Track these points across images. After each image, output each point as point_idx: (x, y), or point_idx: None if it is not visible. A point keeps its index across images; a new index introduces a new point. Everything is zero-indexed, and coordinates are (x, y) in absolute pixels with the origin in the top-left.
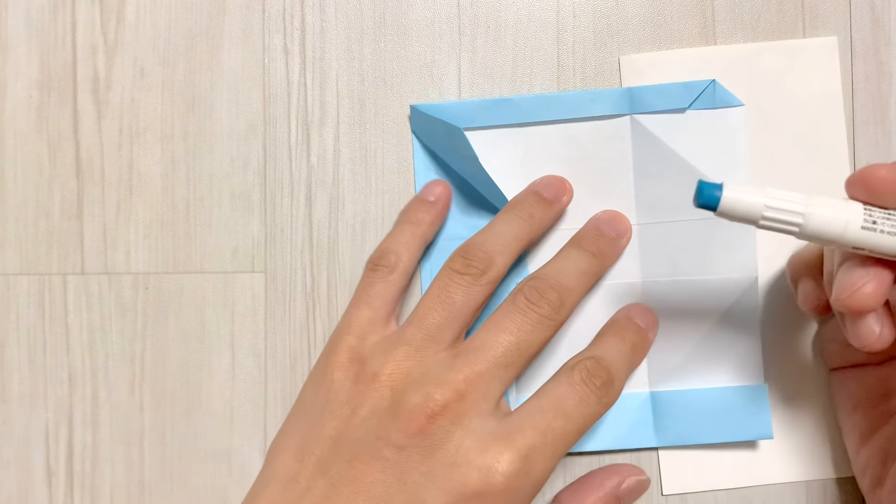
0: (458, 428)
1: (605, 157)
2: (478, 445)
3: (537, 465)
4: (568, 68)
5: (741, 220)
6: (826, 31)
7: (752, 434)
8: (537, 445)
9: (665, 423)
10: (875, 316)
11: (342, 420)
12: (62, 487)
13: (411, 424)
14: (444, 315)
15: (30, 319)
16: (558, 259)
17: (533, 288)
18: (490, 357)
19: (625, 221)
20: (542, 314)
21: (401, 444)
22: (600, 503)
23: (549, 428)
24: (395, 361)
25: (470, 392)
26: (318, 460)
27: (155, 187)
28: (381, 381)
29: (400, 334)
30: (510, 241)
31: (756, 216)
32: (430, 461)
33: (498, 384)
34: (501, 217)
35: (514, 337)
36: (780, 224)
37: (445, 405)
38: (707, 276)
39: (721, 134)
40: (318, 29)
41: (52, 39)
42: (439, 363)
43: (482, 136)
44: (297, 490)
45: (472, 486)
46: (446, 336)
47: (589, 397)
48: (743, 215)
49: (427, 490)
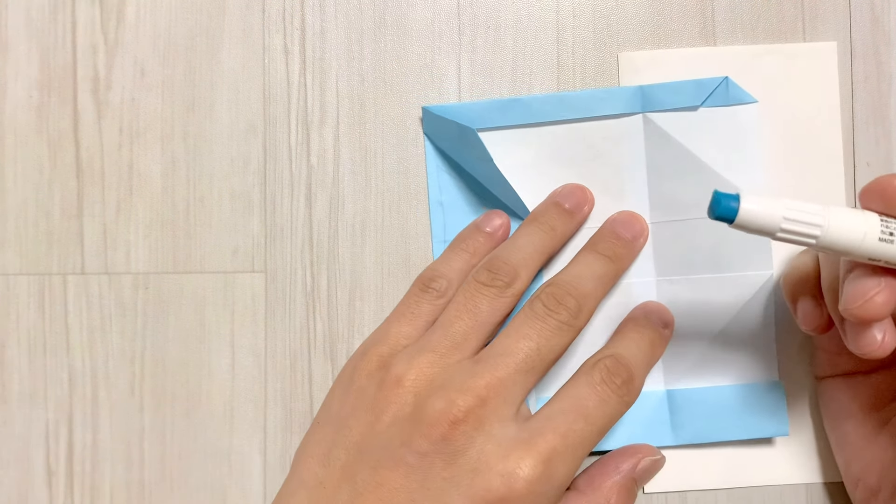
0: (480, 434)
1: (617, 155)
2: (500, 451)
3: (560, 469)
4: (568, 68)
5: (757, 232)
6: (826, 31)
7: (768, 431)
8: (559, 449)
9: (682, 421)
10: (879, 324)
11: (367, 426)
12: (62, 487)
13: (434, 431)
14: (470, 324)
15: (30, 319)
16: (575, 264)
17: (551, 295)
18: (511, 363)
19: (641, 222)
20: (561, 320)
21: (424, 451)
22: (617, 487)
23: (569, 430)
24: (419, 368)
25: (491, 398)
26: (344, 466)
27: (155, 187)
28: (404, 388)
29: (426, 341)
30: (532, 254)
31: (774, 229)
32: (453, 467)
33: (519, 389)
34: (524, 230)
35: (535, 343)
36: (797, 236)
37: (468, 411)
38: (722, 274)
39: (734, 131)
40: (318, 29)
41: (52, 39)
42: (462, 370)
43: (494, 137)
44: (324, 496)
45: (496, 493)
46: (471, 344)
47: (610, 397)
48: (760, 228)
49: (450, 496)
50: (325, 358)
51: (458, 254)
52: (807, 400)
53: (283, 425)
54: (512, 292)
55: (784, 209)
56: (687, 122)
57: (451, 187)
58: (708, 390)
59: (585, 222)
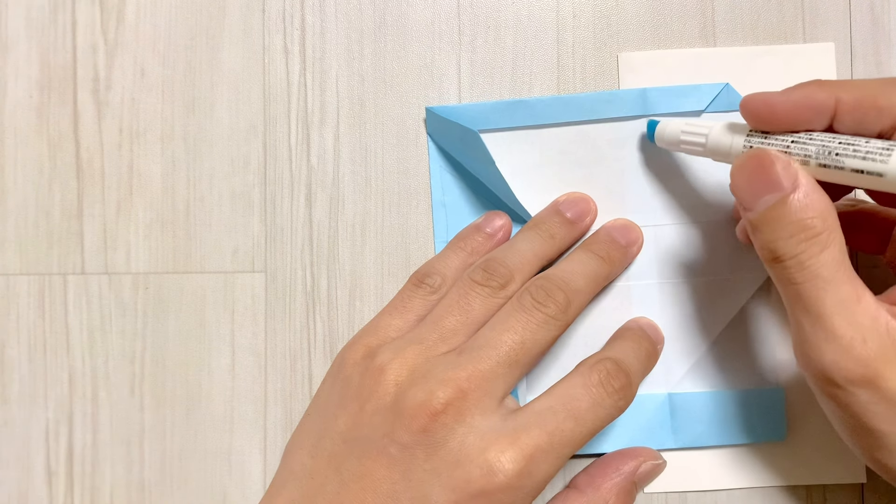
0: (461, 426)
1: (620, 158)
2: (480, 443)
3: (541, 467)
4: (568, 68)
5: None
6: (825, 31)
7: (766, 436)
8: (543, 446)
9: (682, 424)
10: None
11: (351, 416)
12: (62, 487)
13: (415, 423)
14: (460, 320)
15: (30, 319)
16: (568, 261)
17: (540, 288)
18: (493, 355)
19: (637, 231)
20: (549, 314)
21: (405, 442)
22: (617, 488)
23: (557, 429)
24: (403, 358)
25: (473, 390)
26: (330, 456)
27: (155, 187)
28: (386, 376)
29: (414, 334)
30: (530, 259)
31: (677, 140)
32: (434, 459)
33: (501, 383)
34: (524, 234)
35: (519, 336)
36: (692, 146)
37: (448, 403)
38: (720, 277)
39: None
40: (318, 29)
41: (52, 39)
42: (445, 362)
43: (497, 138)
44: (312, 487)
45: (475, 485)
46: (459, 340)
47: (604, 400)
48: (668, 141)
49: (431, 487)
50: (325, 358)
51: (456, 252)
52: (807, 401)
53: (283, 425)
54: (505, 294)
55: (683, 124)
56: None
57: (454, 188)
58: (709, 395)
59: (587, 233)
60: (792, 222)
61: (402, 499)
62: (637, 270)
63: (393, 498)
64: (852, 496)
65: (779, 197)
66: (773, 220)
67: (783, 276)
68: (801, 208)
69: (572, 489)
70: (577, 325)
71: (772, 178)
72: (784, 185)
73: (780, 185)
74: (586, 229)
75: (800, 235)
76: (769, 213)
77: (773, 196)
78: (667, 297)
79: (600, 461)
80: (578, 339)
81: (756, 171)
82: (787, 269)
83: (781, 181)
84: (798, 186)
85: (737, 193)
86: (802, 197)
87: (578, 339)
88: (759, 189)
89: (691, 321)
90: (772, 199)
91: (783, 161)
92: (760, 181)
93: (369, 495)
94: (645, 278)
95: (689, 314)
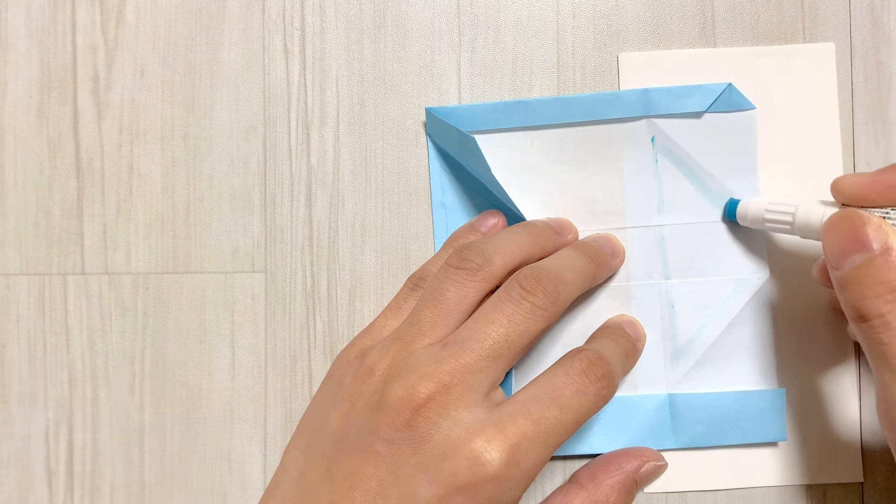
0: (445, 419)
1: (621, 159)
2: (466, 434)
3: (529, 456)
4: (568, 68)
5: (752, 224)
6: (826, 31)
7: (766, 437)
8: (529, 434)
9: (683, 425)
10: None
11: (342, 415)
12: (62, 487)
13: (398, 418)
14: (435, 311)
15: (30, 319)
16: (557, 256)
17: (530, 276)
18: (477, 349)
19: (619, 244)
20: (537, 304)
21: (390, 438)
22: (618, 486)
23: (542, 417)
24: (389, 356)
25: (455, 384)
26: (323, 456)
27: (155, 187)
28: (375, 376)
29: (397, 330)
30: (512, 247)
31: (760, 220)
32: (420, 454)
33: (485, 376)
34: (509, 228)
35: (504, 328)
36: (778, 224)
37: (430, 397)
38: (722, 277)
39: (735, 137)
40: (318, 29)
41: (52, 39)
42: (427, 356)
43: (498, 139)
44: (306, 486)
45: (463, 477)
46: (438, 332)
47: (587, 388)
48: (752, 220)
49: (419, 482)
50: (325, 358)
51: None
52: (807, 402)
53: (283, 425)
54: (483, 276)
55: (766, 204)
56: (691, 127)
57: (454, 189)
58: (709, 395)
59: (572, 229)
60: (879, 282)
61: (390, 495)
62: (637, 270)
63: (381, 495)
64: (852, 496)
65: (867, 257)
66: (860, 279)
67: (869, 335)
68: (890, 269)
69: (573, 483)
70: (577, 324)
71: (861, 238)
72: (873, 246)
73: (869, 245)
74: (568, 243)
75: (887, 296)
76: (856, 272)
77: (860, 255)
78: (667, 297)
79: (603, 458)
80: (577, 338)
81: (847, 231)
82: (874, 328)
83: (871, 241)
84: (889, 249)
85: (826, 251)
86: (891, 258)
87: (577, 338)
88: (847, 248)
89: (692, 321)
90: (859, 259)
91: (875, 222)
92: (849, 240)
93: (358, 493)
94: (645, 278)
95: (690, 314)
